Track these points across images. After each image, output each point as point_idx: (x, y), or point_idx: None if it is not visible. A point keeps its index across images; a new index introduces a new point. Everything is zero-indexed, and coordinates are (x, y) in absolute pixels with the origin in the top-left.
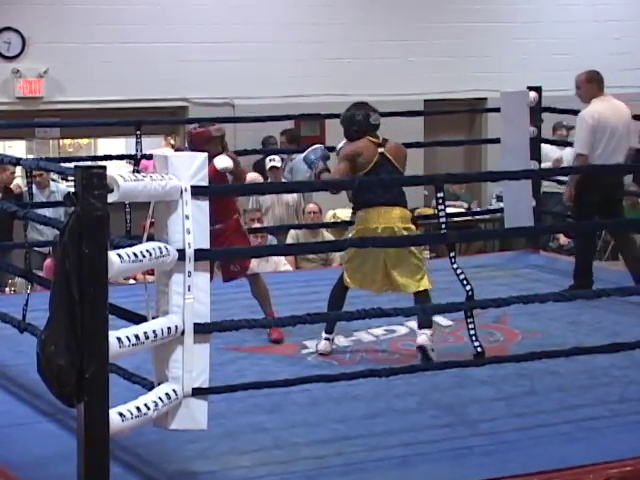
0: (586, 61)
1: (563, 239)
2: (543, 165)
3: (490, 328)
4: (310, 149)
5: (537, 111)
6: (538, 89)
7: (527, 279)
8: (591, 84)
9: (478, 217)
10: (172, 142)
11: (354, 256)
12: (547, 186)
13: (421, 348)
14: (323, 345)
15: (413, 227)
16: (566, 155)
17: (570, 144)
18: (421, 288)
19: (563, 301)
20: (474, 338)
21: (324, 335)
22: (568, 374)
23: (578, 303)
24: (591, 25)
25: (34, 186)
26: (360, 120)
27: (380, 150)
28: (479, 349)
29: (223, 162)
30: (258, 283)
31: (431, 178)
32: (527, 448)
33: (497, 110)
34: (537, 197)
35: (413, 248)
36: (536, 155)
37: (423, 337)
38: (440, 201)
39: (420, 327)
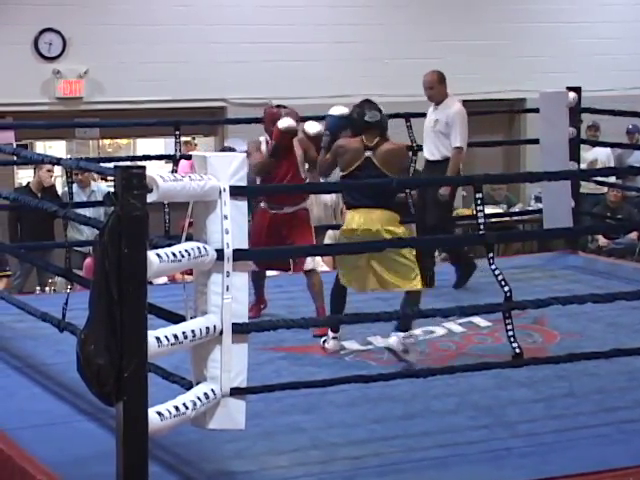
0: (626, 61)
1: (602, 240)
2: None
3: (528, 329)
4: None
5: (576, 112)
6: (577, 89)
7: (566, 280)
8: (442, 84)
9: (517, 218)
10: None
11: (342, 256)
12: (585, 187)
13: (387, 349)
14: (332, 344)
15: (399, 229)
16: (600, 156)
17: (604, 144)
18: (413, 288)
19: (602, 302)
20: (512, 339)
21: (331, 334)
22: (607, 376)
23: (617, 304)
24: (632, 25)
25: (75, 185)
26: (355, 118)
27: (367, 154)
28: (517, 350)
29: (285, 122)
30: (313, 279)
31: (470, 179)
32: (566, 450)
33: (536, 110)
34: (576, 198)
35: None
36: (575, 156)
37: (394, 339)
38: (479, 202)
39: (396, 329)
